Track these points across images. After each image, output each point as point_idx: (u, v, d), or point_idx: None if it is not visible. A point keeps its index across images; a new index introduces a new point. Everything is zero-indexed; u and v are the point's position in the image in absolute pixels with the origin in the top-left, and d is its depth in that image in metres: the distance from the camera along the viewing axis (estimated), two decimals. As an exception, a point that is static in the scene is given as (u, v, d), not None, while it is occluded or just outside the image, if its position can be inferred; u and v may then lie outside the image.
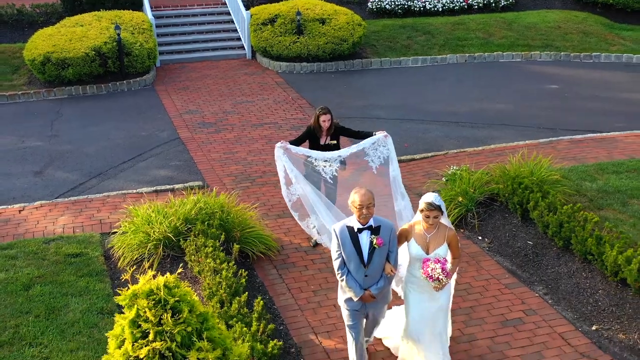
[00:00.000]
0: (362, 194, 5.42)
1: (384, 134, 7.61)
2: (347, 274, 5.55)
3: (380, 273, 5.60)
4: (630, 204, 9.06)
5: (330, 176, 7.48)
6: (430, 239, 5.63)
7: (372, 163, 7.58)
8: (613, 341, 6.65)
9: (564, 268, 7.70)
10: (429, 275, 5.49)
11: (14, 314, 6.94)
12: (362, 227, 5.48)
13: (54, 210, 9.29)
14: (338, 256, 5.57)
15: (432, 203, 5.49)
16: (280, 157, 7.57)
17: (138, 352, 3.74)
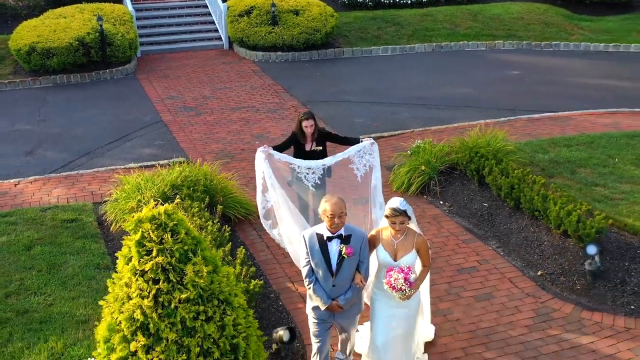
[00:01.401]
0: (334, 203, 5.23)
1: (371, 142, 7.35)
2: (314, 282, 5.39)
3: (349, 283, 5.40)
4: (578, 172, 10.00)
5: (312, 183, 7.18)
6: (398, 245, 5.42)
7: (358, 171, 7.26)
8: (555, 283, 7.54)
9: (514, 225, 8.59)
10: (392, 286, 5.31)
11: (18, 269, 7.63)
12: (332, 236, 5.30)
13: (47, 184, 9.96)
14: (306, 263, 5.40)
15: (397, 209, 5.29)
16: (261, 162, 7.14)
17: (144, 267, 4.50)
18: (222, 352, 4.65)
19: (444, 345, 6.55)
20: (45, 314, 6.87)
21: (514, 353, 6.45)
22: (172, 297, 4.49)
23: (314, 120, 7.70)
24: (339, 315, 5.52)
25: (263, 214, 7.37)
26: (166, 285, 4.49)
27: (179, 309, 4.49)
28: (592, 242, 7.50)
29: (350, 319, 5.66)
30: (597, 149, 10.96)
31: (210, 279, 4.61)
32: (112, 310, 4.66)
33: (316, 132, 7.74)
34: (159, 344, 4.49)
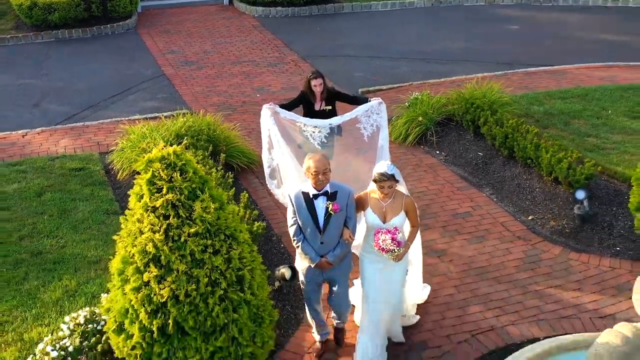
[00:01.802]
0: (317, 160, 5.24)
1: (379, 101, 7.21)
2: (303, 241, 5.43)
3: (337, 240, 5.43)
4: (572, 123, 10.27)
5: (318, 142, 7.05)
6: (386, 207, 5.44)
7: (365, 131, 7.14)
8: (545, 227, 7.87)
9: (508, 173, 8.88)
10: (381, 248, 5.34)
11: (30, 214, 7.95)
12: (318, 193, 5.31)
13: (54, 135, 10.22)
14: (294, 222, 5.43)
15: (385, 173, 5.30)
16: (267, 119, 7.06)
17: (154, 203, 4.80)
18: (229, 283, 4.99)
19: (438, 284, 6.90)
20: (58, 255, 7.22)
21: (503, 289, 6.81)
22: (182, 232, 4.80)
23: (323, 80, 7.62)
24: (328, 273, 5.54)
25: (269, 172, 7.28)
26: (176, 220, 4.80)
27: (188, 243, 4.81)
28: (582, 187, 7.81)
29: (342, 277, 5.65)
30: (592, 101, 11.20)
31: (217, 215, 4.92)
32: (125, 244, 4.98)
33: (325, 92, 7.65)
34: (170, 274, 4.82)
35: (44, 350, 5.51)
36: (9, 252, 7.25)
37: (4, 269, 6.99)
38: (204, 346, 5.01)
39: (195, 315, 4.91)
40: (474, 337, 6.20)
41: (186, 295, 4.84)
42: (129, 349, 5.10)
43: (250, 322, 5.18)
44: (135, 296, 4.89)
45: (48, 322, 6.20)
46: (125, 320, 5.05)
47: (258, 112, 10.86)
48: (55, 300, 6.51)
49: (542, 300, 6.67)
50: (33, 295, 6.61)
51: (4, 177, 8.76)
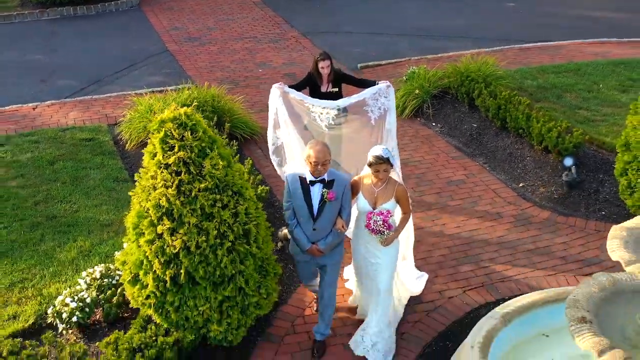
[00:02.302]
0: (318, 150, 5.24)
1: (387, 84, 7.11)
2: (296, 226, 5.47)
3: (330, 228, 5.45)
4: (564, 97, 10.62)
5: (326, 124, 6.99)
6: (378, 193, 5.49)
7: (372, 114, 7.02)
8: (535, 193, 8.26)
9: (500, 143, 9.26)
10: (372, 229, 5.40)
11: (44, 182, 8.33)
12: (315, 180, 5.34)
13: (63, 107, 10.57)
14: (288, 206, 5.47)
15: (381, 156, 5.33)
16: (276, 99, 7.02)
17: (167, 160, 5.17)
18: (236, 236, 5.37)
19: (432, 245, 7.30)
20: (72, 219, 7.61)
21: (493, 249, 7.22)
22: (193, 187, 5.17)
23: (331, 61, 7.61)
24: (319, 260, 5.59)
25: (272, 150, 7.22)
26: (187, 176, 5.17)
27: (198, 197, 5.18)
28: (569, 155, 8.18)
29: (333, 266, 5.66)
30: (584, 75, 11.54)
31: (225, 172, 5.29)
32: (140, 199, 5.36)
33: (332, 74, 7.63)
34: (182, 227, 5.21)
35: (63, 301, 5.92)
36: (25, 216, 7.64)
37: (21, 231, 7.37)
38: (213, 295, 5.41)
39: (205, 265, 5.29)
40: (465, 292, 6.61)
41: (197, 247, 5.23)
42: (143, 298, 5.50)
43: (256, 273, 5.57)
44: (150, 248, 5.27)
45: (65, 279, 6.60)
46: (140, 271, 5.44)
47: (260, 87, 11.34)
48: (70, 260, 6.90)
49: (530, 259, 7.07)
50: (50, 255, 7.00)
51: (17, 147, 9.13)
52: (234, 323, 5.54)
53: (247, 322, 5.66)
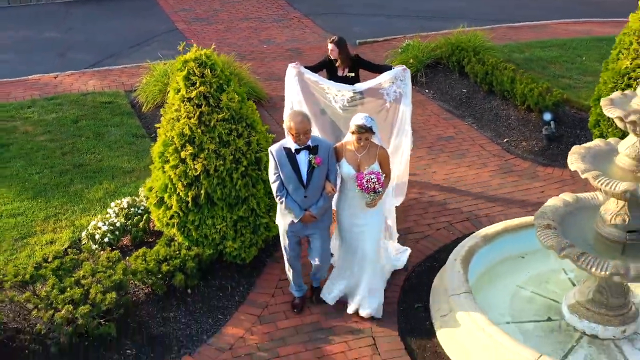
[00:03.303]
0: (299, 122, 5.36)
1: (403, 68, 7.17)
2: (286, 196, 5.55)
3: (320, 193, 5.59)
4: (549, 67, 11.42)
5: (340, 105, 7.03)
6: (361, 158, 5.62)
7: (387, 97, 7.07)
8: (518, 147, 9.05)
9: (487, 105, 10.05)
10: (365, 188, 5.48)
11: (69, 137, 9.13)
12: (300, 147, 5.46)
13: (82, 77, 11.37)
14: (276, 178, 5.55)
15: (363, 125, 5.48)
16: (291, 79, 7.10)
17: (190, 94, 5.96)
18: (249, 162, 6.17)
19: (423, 187, 8.09)
20: (97, 167, 8.41)
21: (478, 192, 8.01)
22: (212, 117, 5.97)
23: (338, 47, 7.57)
24: (310, 226, 5.69)
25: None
26: (207, 108, 5.97)
27: (217, 126, 5.98)
28: (549, 111, 8.97)
29: (323, 231, 5.81)
30: (568, 50, 12.35)
31: (240, 105, 6.10)
32: (165, 130, 6.15)
33: (348, 59, 7.64)
34: (202, 152, 6.00)
35: (96, 225, 6.71)
36: (55, 164, 8.43)
37: (52, 176, 8.16)
38: (229, 215, 6.21)
39: (222, 187, 6.09)
40: (451, 225, 7.40)
41: (215, 170, 6.02)
42: (167, 218, 6.30)
43: (266, 197, 6.36)
44: (174, 172, 6.07)
45: (94, 213, 7.39)
46: (164, 194, 6.24)
47: (265, 60, 12.13)
48: (98, 198, 7.70)
49: (510, 199, 7.86)
50: (79, 195, 7.80)
51: (43, 109, 9.93)
52: (247, 241, 6.33)
53: (258, 242, 6.45)
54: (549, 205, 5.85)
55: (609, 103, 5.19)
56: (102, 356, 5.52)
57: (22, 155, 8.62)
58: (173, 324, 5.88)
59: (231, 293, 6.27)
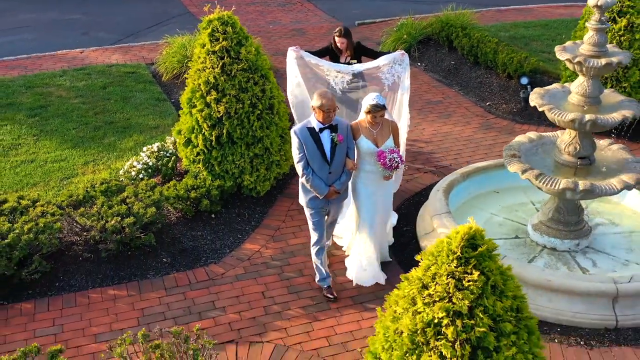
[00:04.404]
0: (329, 99, 5.67)
1: (402, 52, 7.39)
2: (311, 174, 5.86)
3: (342, 169, 5.96)
4: (531, 44, 12.54)
5: (340, 87, 7.24)
6: (377, 134, 5.96)
7: (386, 80, 7.27)
8: (499, 109, 10.17)
9: (473, 74, 11.17)
10: (388, 166, 5.85)
11: (99, 100, 10.25)
12: (323, 127, 5.77)
13: (105, 52, 12.50)
14: (301, 158, 5.82)
15: (378, 104, 5.81)
16: (291, 61, 7.26)
17: (214, 48, 7.06)
18: (264, 107, 7.28)
19: (412, 141, 9.20)
20: (126, 124, 9.53)
21: (462, 144, 9.13)
22: (233, 68, 7.09)
23: (347, 39, 7.82)
24: (332, 201, 6.08)
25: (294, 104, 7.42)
26: (229, 60, 7.09)
27: (237, 75, 7.10)
28: (525, 75, 10.09)
29: (340, 206, 6.32)
30: (550, 29, 13.47)
31: (256, 58, 7.21)
32: (193, 79, 7.27)
33: (351, 49, 7.88)
34: (225, 97, 7.12)
35: (131, 165, 7.83)
36: (89, 122, 9.55)
37: (87, 131, 9.29)
38: (247, 152, 7.32)
39: (240, 128, 7.20)
40: (437, 169, 8.51)
41: (235, 112, 7.14)
42: (194, 156, 7.41)
43: (278, 138, 7.48)
44: (200, 115, 7.18)
45: (127, 158, 8.51)
46: (191, 135, 7.35)
47: (271, 38, 13.27)
48: (129, 147, 8.82)
49: (490, 150, 8.97)
50: (112, 145, 8.92)
51: (73, 77, 11.05)
52: (262, 176, 7.45)
53: (270, 177, 7.56)
54: (515, 141, 6.97)
55: (562, 49, 6.32)
56: (143, 262, 6.64)
57: (59, 114, 9.74)
58: (200, 240, 7.00)
59: (248, 219, 7.38)
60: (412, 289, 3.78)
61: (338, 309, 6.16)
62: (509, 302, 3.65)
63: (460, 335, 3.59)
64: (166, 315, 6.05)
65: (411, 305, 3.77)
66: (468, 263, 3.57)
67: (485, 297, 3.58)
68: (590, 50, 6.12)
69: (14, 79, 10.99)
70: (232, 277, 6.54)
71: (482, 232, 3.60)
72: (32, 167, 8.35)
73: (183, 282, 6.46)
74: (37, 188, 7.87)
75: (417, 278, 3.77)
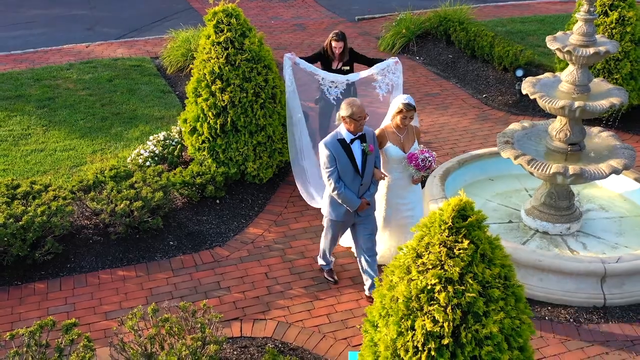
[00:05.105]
0: (359, 106, 5.47)
1: (395, 60, 7.39)
2: (344, 187, 5.63)
3: (371, 180, 5.78)
4: (527, 39, 12.80)
5: (334, 97, 7.24)
6: (404, 139, 5.91)
7: (380, 90, 7.29)
8: (495, 101, 10.44)
9: (470, 67, 11.44)
10: (422, 167, 5.81)
11: (106, 92, 10.52)
12: (354, 137, 5.58)
13: (111, 46, 12.77)
14: (333, 171, 5.57)
15: (411, 104, 5.76)
16: (287, 68, 7.32)
17: (219, 39, 7.32)
18: (267, 96, 7.54)
19: (411, 131, 9.46)
20: (132, 115, 9.80)
21: (459, 134, 9.39)
22: (237, 58, 7.35)
23: (344, 43, 7.80)
24: (362, 213, 5.83)
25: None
26: (233, 50, 7.35)
27: (241, 65, 7.36)
28: (521, 68, 10.36)
29: (372, 216, 6.00)
30: (546, 24, 13.74)
31: (259, 48, 7.48)
32: (199, 69, 7.53)
33: (346, 53, 7.86)
34: (229, 87, 7.38)
35: (138, 153, 8.10)
36: (96, 113, 9.82)
37: (94, 122, 9.56)
38: (250, 140, 7.59)
39: (244, 117, 7.47)
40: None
41: (239, 102, 7.40)
42: (199, 143, 7.68)
43: (281, 127, 7.74)
44: (205, 104, 7.45)
45: (134, 147, 8.78)
46: (197, 124, 7.62)
47: (273, 33, 13.52)
48: (136, 137, 9.10)
49: (486, 140, 9.24)
50: (119, 135, 9.19)
51: (80, 70, 11.32)
52: (264, 163, 7.71)
53: (273, 164, 7.83)
54: (509, 128, 7.24)
55: (552, 39, 6.58)
56: (150, 245, 6.91)
57: (67, 106, 10.01)
58: (206, 224, 7.27)
59: (251, 205, 7.65)
60: (407, 258, 4.04)
61: (338, 288, 6.42)
62: (497, 270, 3.91)
63: (452, 300, 3.84)
64: (173, 295, 6.32)
65: (406, 274, 4.03)
66: (459, 232, 3.83)
67: (475, 264, 3.84)
68: (580, 40, 6.38)
69: (22, 72, 11.26)
70: (236, 259, 6.81)
71: (472, 204, 3.87)
72: (42, 156, 8.62)
73: (189, 264, 6.73)
74: (47, 176, 8.14)
75: (412, 248, 4.03)
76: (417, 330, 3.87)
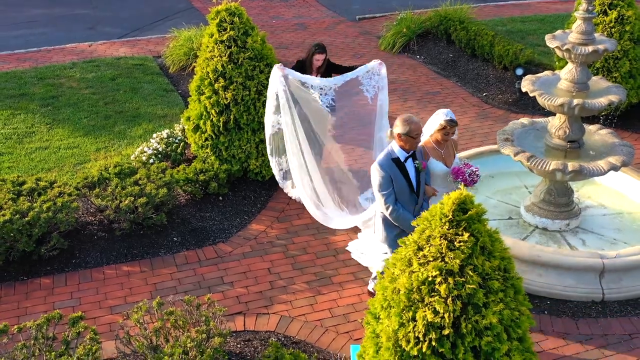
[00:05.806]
0: (416, 122, 5.21)
1: (378, 62, 7.32)
2: (401, 208, 5.39)
3: (424, 197, 5.60)
4: (527, 38, 12.88)
5: (327, 104, 7.16)
6: (444, 154, 5.78)
7: (367, 93, 7.22)
8: (495, 100, 10.52)
9: (470, 66, 11.52)
10: (470, 181, 5.63)
11: (109, 91, 10.61)
12: (408, 155, 5.36)
13: (113, 45, 12.85)
14: (390, 192, 5.34)
15: (453, 119, 5.62)
16: (277, 80, 6.93)
17: (222, 38, 7.41)
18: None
19: (411, 129, 9.54)
20: (135, 113, 9.88)
21: (459, 132, 9.43)
22: (240, 56, 7.44)
23: (326, 55, 7.85)
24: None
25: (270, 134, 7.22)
26: (235, 49, 7.44)
27: (244, 63, 7.45)
28: (520, 67, 10.44)
29: None
30: (547, 23, 13.82)
31: (262, 47, 7.56)
32: (202, 67, 7.62)
33: (324, 65, 7.87)
34: (232, 85, 7.47)
35: (142, 150, 8.18)
36: (99, 111, 9.91)
37: (98, 120, 9.64)
38: (253, 138, 7.67)
39: (247, 114, 7.55)
40: (434, 156, 8.84)
41: (242, 99, 7.49)
42: (202, 141, 7.76)
43: (282, 124, 7.81)
44: (208, 101, 7.53)
45: (137, 145, 8.86)
46: (200, 121, 7.70)
47: (274, 32, 13.62)
48: (139, 135, 9.18)
49: (486, 138, 9.32)
50: (122, 133, 9.28)
51: (83, 69, 11.41)
52: (267, 161, 7.77)
53: (275, 162, 7.89)
54: (508, 126, 7.32)
55: (552, 37, 6.67)
56: (154, 241, 6.99)
57: (71, 104, 10.10)
58: (209, 221, 7.35)
59: (254, 201, 7.73)
60: (408, 251, 4.13)
61: (340, 283, 6.51)
62: (497, 262, 4.00)
63: (452, 292, 3.93)
64: (177, 289, 6.40)
65: (407, 266, 4.11)
66: (459, 225, 3.92)
67: (475, 256, 3.92)
68: (579, 38, 6.46)
69: (26, 71, 11.35)
70: (239, 255, 6.89)
71: (472, 198, 3.95)
72: (46, 154, 8.71)
73: (193, 260, 6.81)
74: (51, 173, 8.23)
75: (413, 241, 4.12)
76: (418, 321, 3.95)
